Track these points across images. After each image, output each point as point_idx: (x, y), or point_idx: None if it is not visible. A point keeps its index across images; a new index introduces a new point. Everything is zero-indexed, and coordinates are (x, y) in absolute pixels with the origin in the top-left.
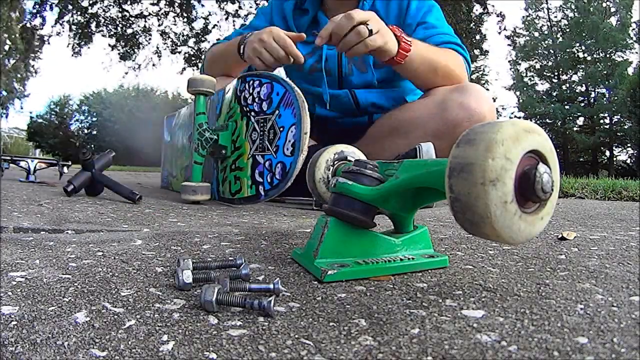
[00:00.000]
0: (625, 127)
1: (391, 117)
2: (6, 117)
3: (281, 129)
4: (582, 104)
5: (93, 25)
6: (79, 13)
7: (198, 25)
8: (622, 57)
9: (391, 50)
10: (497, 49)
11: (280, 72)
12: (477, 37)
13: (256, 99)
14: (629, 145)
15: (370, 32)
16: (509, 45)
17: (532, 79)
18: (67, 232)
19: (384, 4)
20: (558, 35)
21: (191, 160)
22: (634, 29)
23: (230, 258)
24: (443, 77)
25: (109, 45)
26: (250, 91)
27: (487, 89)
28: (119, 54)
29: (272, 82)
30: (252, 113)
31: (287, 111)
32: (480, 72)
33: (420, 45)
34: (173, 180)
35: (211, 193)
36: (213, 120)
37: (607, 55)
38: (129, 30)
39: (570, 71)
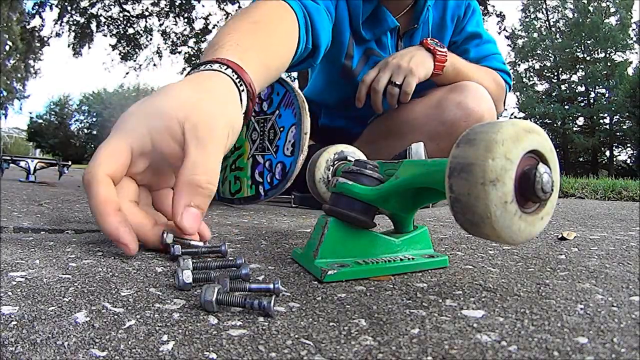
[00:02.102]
0: (625, 127)
1: (388, 119)
2: (6, 117)
3: (281, 129)
4: (582, 104)
5: (93, 26)
6: (78, 14)
7: (198, 25)
8: (622, 57)
9: (428, 72)
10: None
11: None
12: None
13: (257, 100)
14: (628, 145)
15: (400, 85)
16: (508, 45)
17: (532, 79)
18: (67, 232)
19: (438, 5)
20: (557, 36)
21: None
22: (634, 29)
23: (230, 258)
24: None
25: (110, 45)
26: None
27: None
28: (119, 54)
29: (272, 83)
30: (252, 113)
31: (288, 111)
32: None
33: (458, 59)
34: None
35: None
36: None
37: (607, 55)
38: (130, 30)
39: (570, 71)
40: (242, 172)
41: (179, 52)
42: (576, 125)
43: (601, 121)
